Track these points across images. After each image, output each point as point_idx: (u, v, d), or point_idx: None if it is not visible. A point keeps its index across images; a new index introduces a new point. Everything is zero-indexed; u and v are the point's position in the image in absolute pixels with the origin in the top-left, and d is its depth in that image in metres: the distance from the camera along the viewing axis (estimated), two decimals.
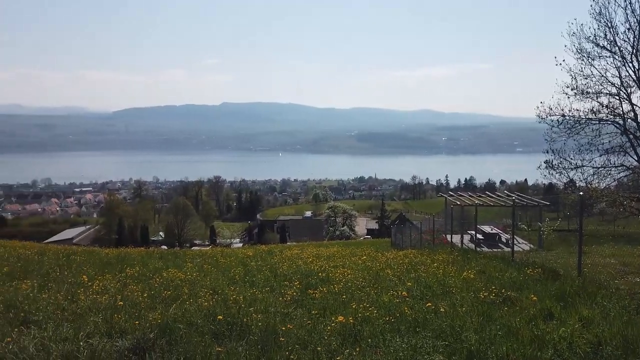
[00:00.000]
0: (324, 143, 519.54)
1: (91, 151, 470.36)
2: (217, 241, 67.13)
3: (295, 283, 9.20)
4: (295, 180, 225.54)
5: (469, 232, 19.71)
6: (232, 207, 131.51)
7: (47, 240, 51.51)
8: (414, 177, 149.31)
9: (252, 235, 76.13)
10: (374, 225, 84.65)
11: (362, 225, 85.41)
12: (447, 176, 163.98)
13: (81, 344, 4.86)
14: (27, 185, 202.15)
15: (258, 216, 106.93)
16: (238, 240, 72.66)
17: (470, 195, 21.78)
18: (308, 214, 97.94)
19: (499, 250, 15.94)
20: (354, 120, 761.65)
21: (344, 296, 7.84)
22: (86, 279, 9.15)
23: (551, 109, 15.73)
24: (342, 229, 74.10)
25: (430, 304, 6.93)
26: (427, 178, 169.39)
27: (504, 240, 18.28)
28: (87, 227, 78.83)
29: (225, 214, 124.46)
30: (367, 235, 75.52)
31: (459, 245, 16.78)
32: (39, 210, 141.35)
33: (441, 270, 10.41)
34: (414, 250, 17.74)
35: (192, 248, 44.98)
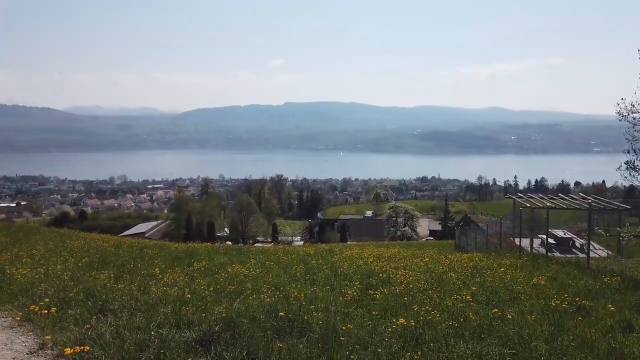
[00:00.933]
0: (386, 142, 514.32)
1: (163, 150, 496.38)
2: (279, 238, 68.46)
3: (356, 283, 9.17)
4: (356, 180, 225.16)
5: (539, 236, 18.74)
6: (294, 205, 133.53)
7: (122, 234, 54.90)
8: (480, 178, 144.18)
9: (312, 233, 76.87)
10: (436, 226, 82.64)
11: (425, 226, 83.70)
12: (515, 177, 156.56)
13: (152, 333, 5.10)
14: (106, 181, 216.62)
15: (319, 215, 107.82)
16: (299, 238, 73.76)
17: (541, 197, 20.67)
18: (369, 213, 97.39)
19: (572, 256, 15.04)
20: (418, 118, 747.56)
21: (406, 298, 7.71)
22: (158, 272, 9.65)
23: (634, 106, 14.56)
24: (403, 229, 73.02)
25: (496, 310, 6.66)
26: (494, 178, 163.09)
27: (578, 246, 17.21)
28: (159, 222, 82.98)
29: (287, 212, 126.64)
30: (429, 236, 73.88)
31: (528, 249, 16.01)
32: (116, 205, 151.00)
33: (509, 275, 9.98)
34: (479, 253, 17.14)
35: (255, 245, 46.15)
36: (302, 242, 62.36)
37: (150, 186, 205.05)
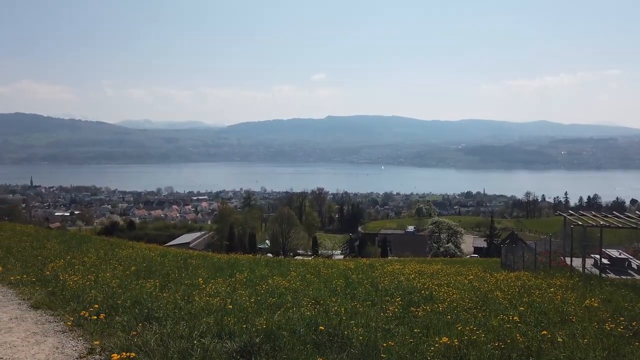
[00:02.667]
0: (428, 156, 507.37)
1: (208, 162, 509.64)
2: (319, 252, 68.43)
3: (397, 299, 9.01)
4: (398, 194, 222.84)
5: (592, 255, 17.85)
6: (334, 219, 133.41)
7: (168, 244, 56.49)
8: (527, 194, 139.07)
9: (353, 247, 76.41)
10: (481, 243, 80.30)
11: (469, 242, 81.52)
12: (566, 193, 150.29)
13: (195, 342, 5.18)
14: (153, 192, 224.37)
15: (359, 229, 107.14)
16: (339, 251, 73.46)
17: (594, 215, 19.71)
18: (410, 228, 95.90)
19: (628, 277, 14.21)
20: (462, 132, 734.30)
21: (449, 316, 7.50)
22: (201, 282, 9.83)
23: None
24: (446, 245, 71.33)
25: (545, 332, 6.36)
26: (542, 195, 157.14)
27: (635, 267, 16.26)
28: (202, 232, 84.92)
29: (327, 225, 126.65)
30: (474, 253, 71.88)
31: (580, 269, 15.26)
32: (162, 215, 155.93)
33: (559, 296, 9.54)
34: (527, 272, 16.49)
35: (295, 257, 46.31)
36: (343, 256, 62.05)
37: (195, 198, 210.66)
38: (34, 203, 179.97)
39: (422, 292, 10.13)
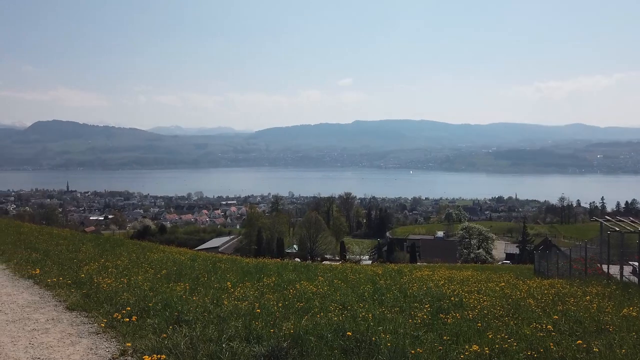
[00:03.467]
0: (458, 161, 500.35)
1: (236, 167, 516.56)
2: (347, 257, 68.19)
3: (426, 305, 8.89)
4: (427, 199, 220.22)
5: (630, 263, 17.17)
6: (362, 224, 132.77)
7: (197, 248, 57.44)
8: (562, 199, 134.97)
9: (381, 252, 75.85)
10: (513, 249, 78.48)
11: (500, 249, 79.78)
12: (602, 198, 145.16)
13: (223, 345, 5.24)
14: (184, 197, 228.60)
15: (387, 234, 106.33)
16: (367, 257, 73.00)
17: (632, 221, 18.99)
18: (440, 234, 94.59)
19: None
20: (493, 136, 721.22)
21: (479, 324, 7.34)
22: (230, 285, 9.94)
23: None
24: (477, 251, 69.97)
25: (580, 341, 6.16)
26: (577, 200, 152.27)
27: None
28: (231, 237, 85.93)
29: (355, 230, 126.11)
30: (505, 260, 70.28)
31: (618, 277, 14.72)
32: (192, 220, 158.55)
33: (595, 305, 9.21)
34: (561, 279, 16.02)
35: (323, 262, 46.30)
36: (370, 261, 61.66)
37: (224, 202, 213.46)
38: (70, 207, 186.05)
39: (452, 298, 9.97)
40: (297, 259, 45.70)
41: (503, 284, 13.93)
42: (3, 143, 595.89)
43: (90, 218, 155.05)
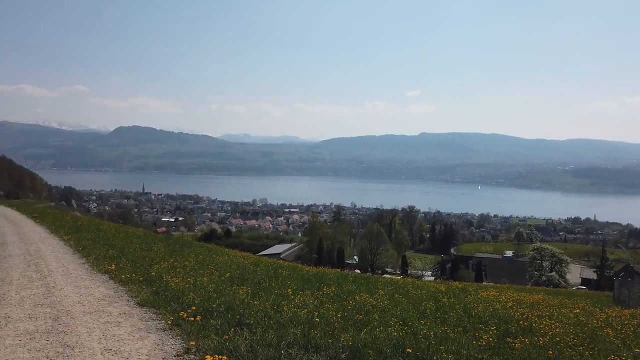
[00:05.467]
0: (531, 177, 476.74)
1: (300, 176, 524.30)
2: (408, 271, 66.78)
3: (492, 327, 8.46)
4: (495, 216, 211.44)
5: None
6: (425, 239, 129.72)
7: (260, 253, 58.60)
8: None
9: (444, 269, 73.67)
10: (590, 274, 73.29)
11: (576, 273, 74.74)
12: None
13: (282, 352, 5.26)
14: (249, 203, 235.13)
15: (452, 250, 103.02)
16: (429, 273, 71.08)
17: None
18: (509, 253, 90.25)
19: None
20: (570, 152, 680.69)
21: (550, 352, 6.87)
22: (290, 292, 10.02)
23: None
24: (549, 274, 65.87)
25: None
26: None
27: None
28: (293, 244, 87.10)
29: (418, 245, 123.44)
30: (581, 285, 65.79)
31: None
32: (256, 225, 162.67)
33: None
34: None
35: (384, 275, 45.57)
36: (433, 277, 59.93)
37: (287, 210, 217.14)
38: (145, 208, 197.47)
39: (521, 322, 9.42)
40: (357, 271, 45.31)
41: (578, 310, 12.98)
42: (89, 146, 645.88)
43: (162, 219, 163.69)
